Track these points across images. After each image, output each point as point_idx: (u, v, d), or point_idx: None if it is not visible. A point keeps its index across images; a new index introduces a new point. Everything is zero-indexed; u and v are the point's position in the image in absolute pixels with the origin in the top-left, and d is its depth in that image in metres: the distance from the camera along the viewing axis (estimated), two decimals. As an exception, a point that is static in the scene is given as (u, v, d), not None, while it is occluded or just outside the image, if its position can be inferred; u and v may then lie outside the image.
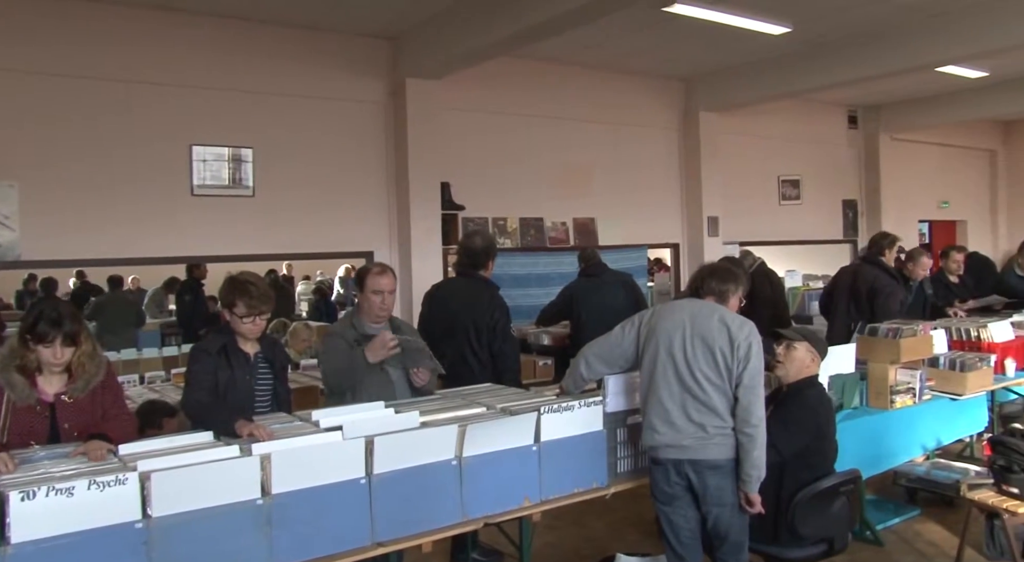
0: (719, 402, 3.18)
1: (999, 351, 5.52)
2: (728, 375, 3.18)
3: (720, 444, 3.19)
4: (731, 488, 3.21)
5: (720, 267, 3.62)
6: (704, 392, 3.18)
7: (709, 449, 3.19)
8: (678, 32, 7.65)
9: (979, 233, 14.25)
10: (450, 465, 2.93)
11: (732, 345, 3.18)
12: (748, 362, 3.16)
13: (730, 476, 3.21)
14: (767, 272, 7.23)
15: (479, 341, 4.57)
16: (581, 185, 8.98)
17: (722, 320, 3.24)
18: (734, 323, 3.24)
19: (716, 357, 3.18)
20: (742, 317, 3.32)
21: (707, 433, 3.18)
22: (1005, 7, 7.06)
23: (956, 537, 4.36)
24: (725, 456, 3.19)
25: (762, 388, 3.20)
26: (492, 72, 7.91)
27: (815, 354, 3.71)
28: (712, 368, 3.19)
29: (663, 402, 3.24)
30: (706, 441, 3.18)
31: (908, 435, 4.82)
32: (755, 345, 3.20)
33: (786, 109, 10.81)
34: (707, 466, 3.20)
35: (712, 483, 3.21)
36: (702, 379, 3.19)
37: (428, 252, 7.57)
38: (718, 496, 3.22)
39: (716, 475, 3.20)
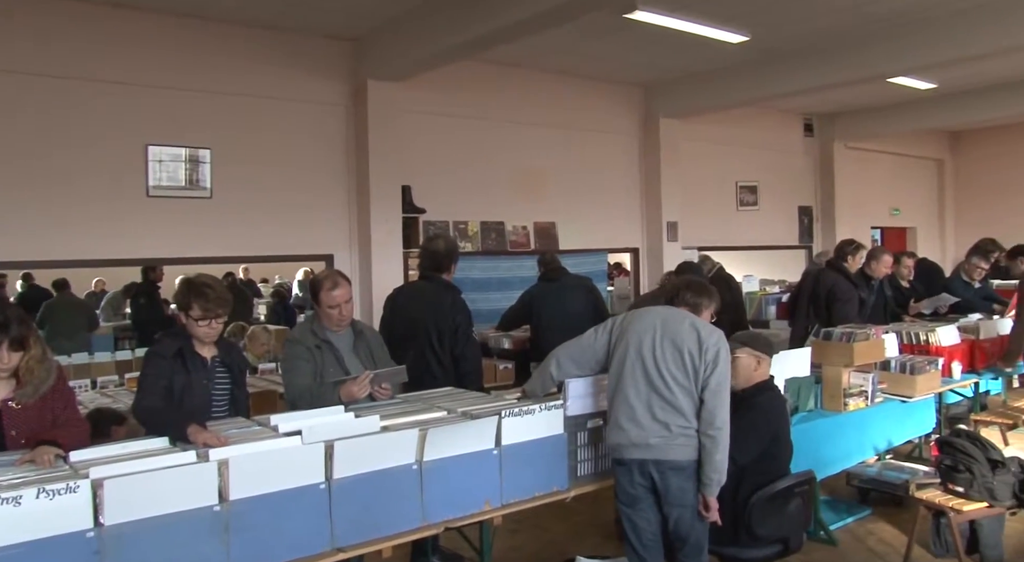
0: (684, 403, 3.22)
1: (946, 354, 5.68)
2: (695, 377, 3.22)
3: (683, 445, 3.22)
4: (693, 490, 3.25)
5: (696, 281, 3.73)
6: (670, 391, 3.22)
7: (672, 449, 3.22)
8: (639, 39, 7.73)
9: (928, 240, 14.63)
10: (411, 469, 2.92)
11: (701, 348, 3.23)
12: (716, 366, 3.21)
13: (692, 478, 3.24)
14: (726, 277, 7.35)
15: (441, 345, 4.56)
16: (541, 189, 9.02)
17: (693, 325, 3.31)
18: (705, 328, 3.32)
19: (684, 358, 3.23)
20: (715, 327, 3.39)
21: (670, 432, 3.21)
22: (953, 22, 7.27)
23: (906, 535, 4.47)
24: (688, 457, 3.23)
25: (728, 394, 3.25)
26: (454, 75, 7.91)
27: (760, 356, 3.75)
28: (680, 369, 3.23)
29: (629, 401, 3.28)
30: (669, 440, 3.22)
31: (861, 437, 4.93)
32: (723, 352, 3.26)
33: (744, 116, 10.99)
34: (670, 467, 3.23)
35: (674, 484, 3.24)
36: (669, 379, 3.23)
37: (389, 255, 7.53)
38: (680, 497, 3.25)
39: (679, 476, 3.24)
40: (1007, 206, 13.83)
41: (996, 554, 4.27)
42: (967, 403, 6.42)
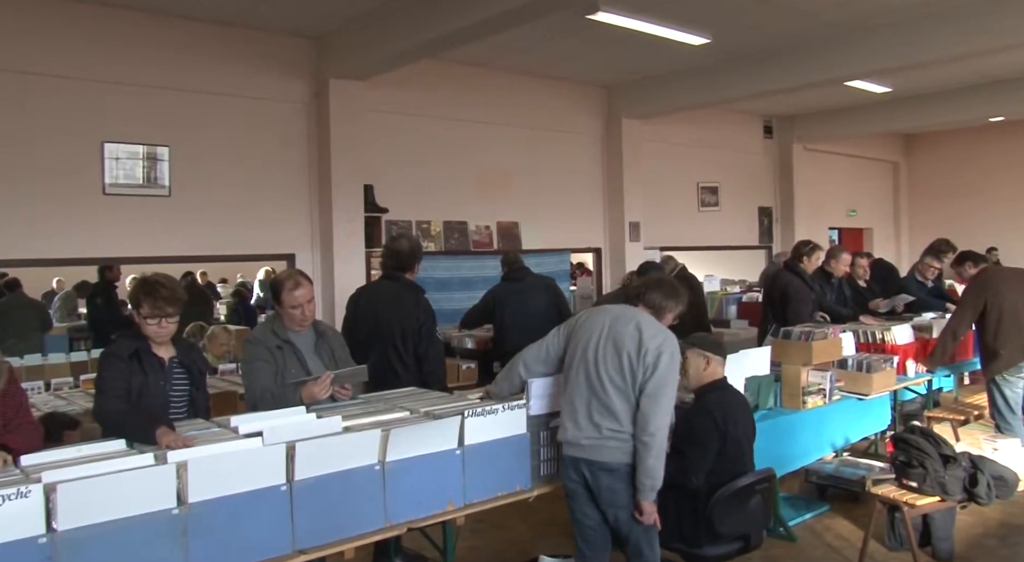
0: (619, 406, 3.19)
1: (901, 353, 5.81)
2: (632, 380, 3.19)
3: (613, 448, 3.20)
4: (625, 492, 3.22)
5: (668, 283, 3.64)
6: (606, 394, 3.21)
7: (601, 451, 3.22)
8: (602, 40, 7.77)
9: (884, 240, 14.95)
10: (373, 470, 2.91)
11: (640, 351, 3.19)
12: (655, 371, 3.16)
13: (624, 480, 3.22)
14: (688, 277, 7.42)
15: (404, 344, 4.54)
16: (504, 189, 9.03)
17: (637, 326, 3.26)
18: (648, 331, 3.25)
19: (623, 361, 3.20)
20: (663, 329, 3.33)
21: (600, 435, 3.21)
22: (908, 28, 7.44)
23: (862, 530, 4.55)
24: (618, 460, 3.20)
25: (667, 399, 3.18)
26: (417, 74, 7.88)
27: (707, 356, 3.76)
28: (617, 371, 3.21)
29: (573, 401, 3.30)
30: (599, 442, 3.21)
31: (819, 434, 5.01)
32: (665, 356, 3.19)
33: (705, 118, 11.11)
34: (599, 467, 3.24)
35: (604, 484, 3.25)
36: (606, 381, 3.21)
37: (351, 255, 7.48)
38: (610, 498, 3.25)
39: (608, 477, 3.23)
40: (959, 208, 14.20)
41: (947, 546, 4.38)
42: (921, 400, 6.57)
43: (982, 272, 5.82)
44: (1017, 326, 5.49)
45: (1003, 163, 13.90)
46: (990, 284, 5.63)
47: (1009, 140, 13.68)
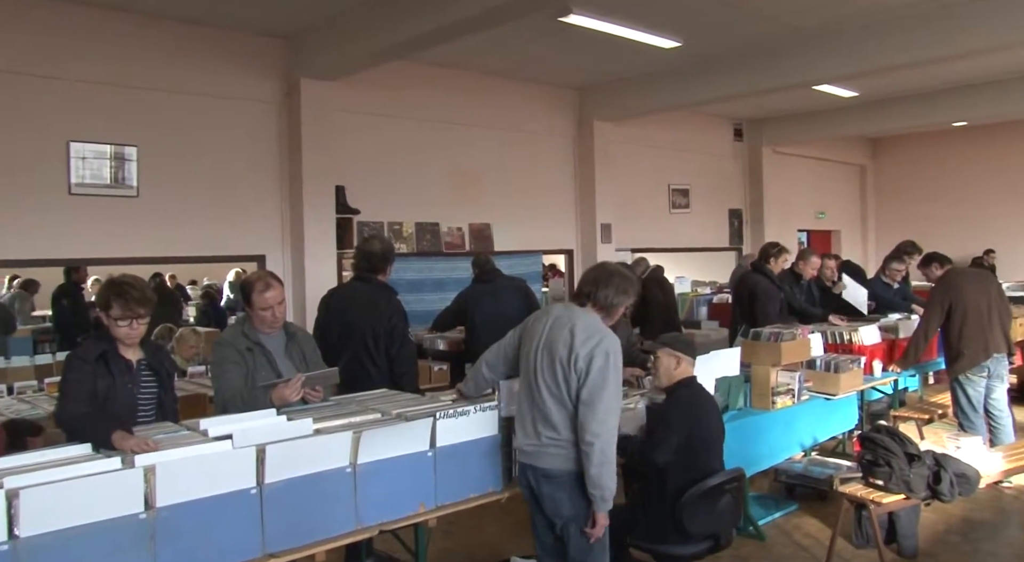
0: (556, 414, 3.10)
1: (868, 353, 5.90)
2: (567, 387, 3.08)
3: (553, 455, 3.12)
4: (568, 501, 3.14)
5: (617, 275, 3.33)
6: (543, 402, 3.13)
7: (542, 458, 3.15)
8: (574, 42, 7.80)
9: (851, 242, 15.17)
10: (344, 472, 2.89)
11: (571, 357, 3.07)
12: (587, 376, 3.03)
13: (565, 489, 3.13)
14: (659, 278, 7.48)
15: (376, 346, 4.53)
16: (476, 190, 9.03)
17: (571, 330, 3.12)
18: (580, 335, 3.09)
19: (556, 367, 3.10)
20: (599, 331, 3.15)
21: (540, 442, 3.14)
22: (873, 34, 7.56)
23: (830, 528, 4.61)
24: (558, 467, 3.12)
25: (605, 405, 3.02)
26: (389, 75, 7.86)
27: (678, 356, 3.77)
28: (552, 378, 3.11)
29: (521, 406, 3.26)
30: (540, 449, 3.15)
31: (788, 434, 5.07)
32: (598, 359, 3.04)
33: (676, 120, 11.20)
34: (541, 474, 3.17)
35: (545, 491, 3.17)
36: (543, 388, 3.13)
37: (322, 256, 7.43)
38: (552, 506, 3.18)
39: (549, 484, 3.16)
40: (924, 210, 14.44)
41: (911, 543, 4.46)
42: (887, 400, 6.67)
43: (947, 273, 5.92)
44: (980, 326, 5.60)
45: (966, 167, 14.17)
46: (955, 285, 5.73)
47: (972, 145, 13.94)
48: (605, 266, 3.43)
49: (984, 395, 5.71)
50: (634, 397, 4.08)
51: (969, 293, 5.67)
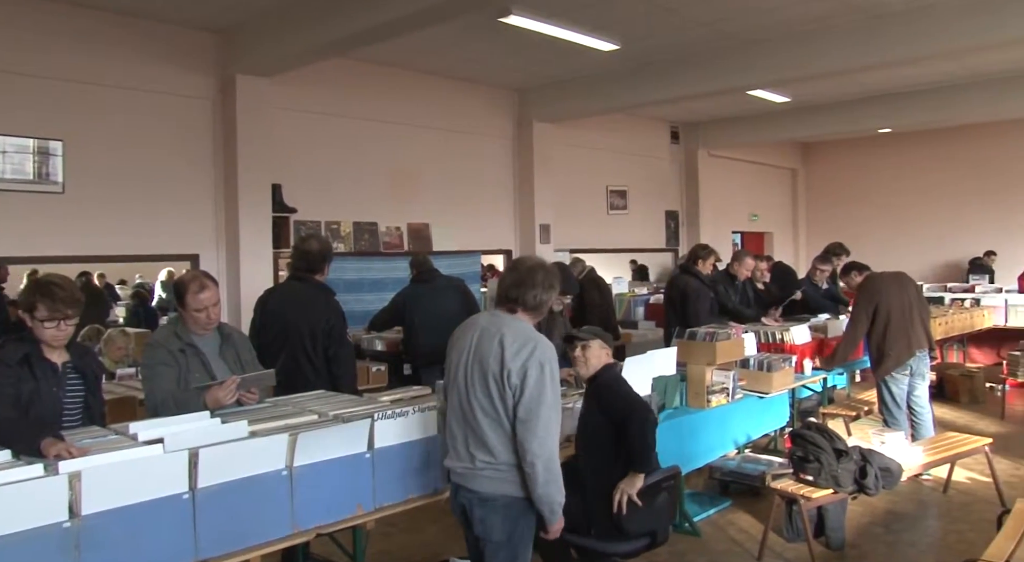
0: (492, 436, 2.88)
1: (799, 352, 6.06)
2: (503, 405, 2.85)
3: (489, 478, 2.92)
4: (500, 525, 2.93)
5: (539, 271, 3.08)
6: (478, 424, 2.90)
7: (476, 480, 2.95)
8: (514, 43, 7.83)
9: (783, 244, 15.58)
10: (280, 475, 2.85)
11: (503, 372, 2.84)
12: (523, 392, 2.81)
13: (500, 512, 2.92)
14: (596, 279, 7.56)
15: (314, 347, 4.47)
16: (415, 190, 8.99)
17: (500, 342, 2.88)
18: (511, 347, 2.86)
19: (489, 384, 2.87)
20: (530, 340, 2.91)
21: (474, 466, 2.93)
22: (804, 42, 7.79)
23: (763, 523, 4.73)
24: (493, 491, 2.92)
25: (543, 421, 2.82)
26: (327, 73, 7.76)
27: (608, 348, 3.85)
28: (486, 397, 2.88)
29: (451, 426, 3.04)
30: (473, 472, 2.95)
31: (722, 432, 5.18)
32: (533, 371, 2.82)
33: (615, 123, 11.34)
34: (476, 496, 2.96)
35: (478, 514, 2.96)
36: (477, 409, 2.90)
37: (258, 255, 7.30)
38: (482, 530, 2.97)
39: (482, 508, 2.95)
40: (851, 213, 14.95)
41: (839, 536, 4.61)
42: (817, 397, 6.87)
43: (867, 279, 6.12)
44: (903, 326, 5.81)
45: (891, 172, 14.70)
46: (876, 289, 5.93)
47: (896, 150, 14.47)
48: (523, 262, 3.16)
49: (907, 392, 5.93)
50: (572, 396, 4.11)
51: (891, 296, 5.87)
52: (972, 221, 13.69)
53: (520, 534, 2.98)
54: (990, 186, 13.54)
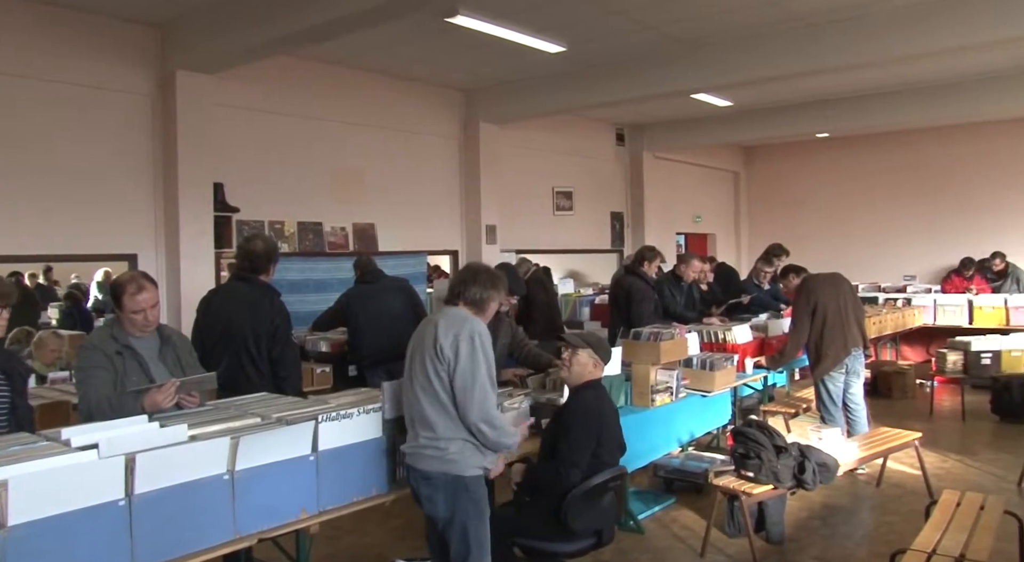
0: (430, 411, 3.19)
1: (740, 351, 6.18)
2: (439, 380, 3.18)
3: (429, 456, 3.21)
4: (443, 503, 3.22)
5: (482, 272, 3.50)
6: (419, 402, 3.22)
7: (419, 459, 3.24)
8: (460, 43, 7.82)
9: (726, 245, 15.86)
10: (221, 480, 2.79)
11: (436, 349, 3.17)
12: (457, 362, 3.13)
13: (442, 490, 3.22)
14: (541, 279, 7.60)
15: (258, 348, 4.40)
16: (361, 190, 8.90)
17: (435, 326, 3.24)
18: (443, 326, 3.21)
19: (426, 363, 3.20)
20: (461, 319, 3.26)
21: (418, 444, 3.23)
22: (746, 48, 7.95)
23: (705, 519, 4.81)
24: (433, 469, 3.21)
25: (480, 386, 3.14)
26: (271, 70, 7.64)
27: (597, 360, 3.85)
28: (424, 375, 3.21)
29: (406, 414, 3.35)
30: (417, 451, 3.24)
31: (666, 430, 5.25)
32: (464, 344, 3.15)
33: (561, 124, 11.41)
34: (420, 475, 3.25)
35: (424, 493, 3.26)
36: (418, 389, 3.23)
37: (199, 256, 7.13)
38: (430, 507, 3.27)
39: (426, 486, 3.24)
40: (791, 215, 15.29)
41: (779, 530, 4.72)
42: (758, 395, 7.02)
43: (804, 281, 6.27)
44: (840, 327, 5.97)
45: (829, 176, 15.08)
46: (813, 291, 6.07)
47: (834, 155, 14.85)
48: (471, 266, 3.61)
49: (843, 390, 6.09)
50: (518, 397, 4.12)
51: (827, 296, 6.02)
52: (906, 223, 14.12)
53: (464, 510, 3.22)
54: (923, 189, 13.99)
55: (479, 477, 3.29)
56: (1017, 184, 13.09)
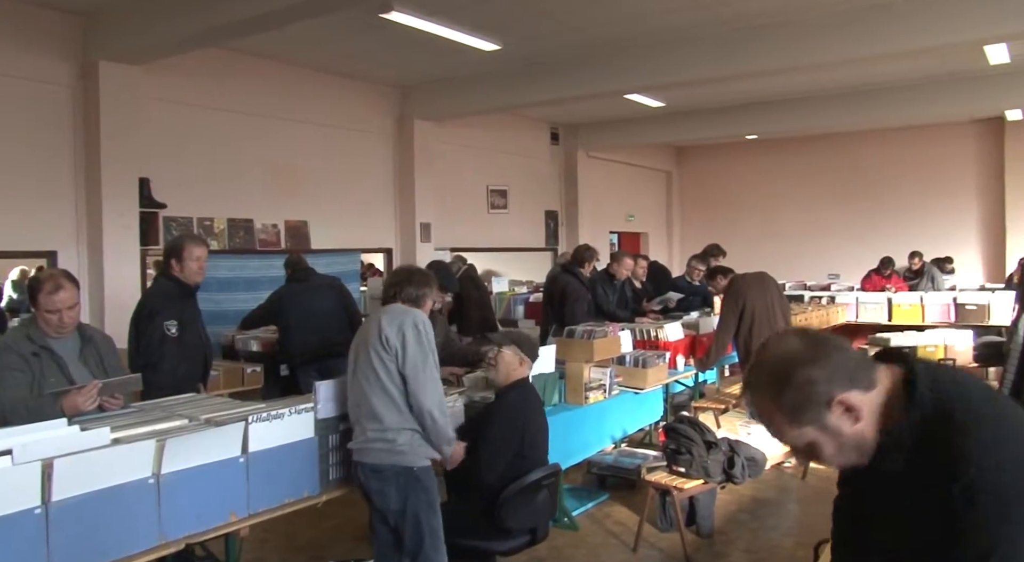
0: (377, 402, 3.24)
1: (672, 349, 6.28)
2: (385, 371, 3.23)
3: (378, 449, 3.25)
4: (395, 495, 3.26)
5: (415, 272, 3.64)
6: (365, 396, 3.27)
7: (368, 453, 3.27)
8: (395, 39, 7.75)
9: (658, 244, 16.12)
10: (146, 484, 2.71)
11: (381, 337, 3.23)
12: (404, 351, 3.21)
13: (393, 482, 3.25)
14: (473, 277, 7.61)
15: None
16: (293, 187, 8.75)
17: (378, 321, 3.30)
18: (386, 320, 3.28)
19: (371, 355, 3.24)
20: (402, 312, 3.33)
21: (366, 437, 3.26)
22: (677, 50, 8.10)
23: (638, 515, 4.87)
24: (382, 461, 3.25)
25: (428, 371, 3.23)
26: (201, 63, 7.46)
27: (523, 357, 3.88)
28: (370, 368, 3.25)
29: (351, 412, 3.37)
30: (365, 445, 3.27)
31: (600, 427, 5.30)
32: (409, 332, 3.22)
33: (496, 123, 11.42)
34: (369, 469, 3.28)
35: (373, 487, 3.29)
36: (363, 382, 3.27)
37: (123, 253, 6.90)
38: (380, 501, 3.30)
39: (377, 479, 3.27)
40: (723, 215, 15.64)
41: (708, 524, 4.82)
42: (689, 392, 7.14)
43: (732, 282, 6.41)
44: (767, 324, 6.12)
45: (758, 177, 15.47)
46: (741, 292, 6.21)
47: (763, 156, 15.25)
48: (403, 268, 3.80)
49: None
50: (452, 395, 4.12)
51: (754, 296, 6.17)
52: (830, 223, 14.58)
53: (416, 501, 3.26)
54: (847, 191, 14.47)
55: (429, 468, 3.32)
56: (935, 187, 13.67)
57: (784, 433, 1.47)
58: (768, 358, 1.49)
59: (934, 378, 1.41)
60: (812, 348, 1.44)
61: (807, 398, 1.41)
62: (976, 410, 1.38)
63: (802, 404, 1.42)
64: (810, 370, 1.41)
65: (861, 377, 1.42)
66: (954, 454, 1.33)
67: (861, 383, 1.42)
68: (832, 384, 1.40)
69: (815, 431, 1.43)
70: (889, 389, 1.43)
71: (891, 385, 1.44)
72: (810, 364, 1.42)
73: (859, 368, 1.42)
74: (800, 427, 1.44)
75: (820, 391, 1.40)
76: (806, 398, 1.41)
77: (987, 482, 1.29)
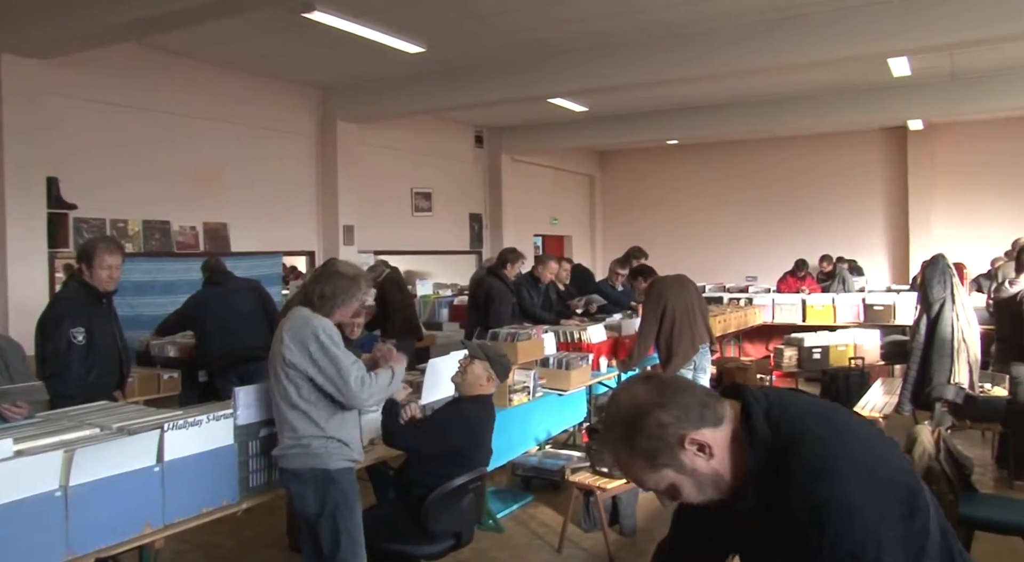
0: (290, 415, 3.18)
1: (595, 351, 6.37)
2: (296, 390, 3.16)
3: (296, 454, 3.21)
4: (314, 498, 3.21)
5: (334, 275, 3.41)
6: (279, 409, 3.23)
7: (287, 459, 3.24)
8: (319, 40, 7.64)
9: (582, 247, 16.32)
10: (53, 497, 2.61)
11: (284, 345, 3.16)
12: (317, 366, 3.12)
13: (311, 485, 3.20)
14: (396, 280, 7.56)
15: None
16: (213, 188, 8.54)
17: (280, 336, 3.22)
18: (287, 336, 3.18)
19: (281, 377, 3.19)
20: (304, 321, 3.20)
21: (284, 445, 3.24)
22: (601, 55, 8.22)
23: (562, 515, 4.92)
24: (300, 465, 3.21)
25: (346, 370, 3.11)
26: (115, 59, 7.21)
27: (492, 374, 3.89)
28: (278, 383, 3.20)
29: (275, 415, 3.32)
30: (284, 452, 3.24)
31: (524, 429, 5.33)
32: (313, 345, 3.12)
33: (420, 125, 11.37)
34: (289, 474, 3.25)
35: (293, 490, 3.26)
36: (277, 396, 3.23)
37: (29, 256, 6.59)
38: (299, 504, 3.26)
39: (296, 483, 3.24)
40: (645, 218, 15.95)
41: (631, 522, 4.90)
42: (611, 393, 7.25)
43: (652, 284, 6.53)
44: (687, 325, 6.25)
45: (679, 181, 15.83)
46: (662, 294, 6.33)
47: (684, 161, 15.63)
48: (328, 265, 3.73)
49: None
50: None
51: (675, 297, 6.29)
52: (748, 226, 15.02)
53: (332, 503, 3.21)
54: (764, 195, 14.95)
55: (346, 470, 3.27)
56: (844, 191, 14.27)
57: (645, 479, 1.52)
58: (617, 409, 1.53)
59: (767, 409, 1.48)
60: (658, 392, 1.48)
61: (660, 441, 1.46)
62: (812, 432, 1.44)
63: (656, 448, 1.46)
64: (659, 414, 1.45)
65: (708, 415, 1.47)
66: (795, 481, 1.40)
67: (709, 421, 1.47)
68: (682, 424, 1.45)
69: (673, 473, 1.48)
70: (734, 422, 1.50)
71: (735, 419, 1.50)
72: (658, 409, 1.46)
73: (706, 406, 1.48)
74: (658, 471, 1.49)
75: (671, 433, 1.45)
76: (659, 441, 1.46)
77: (831, 507, 1.36)
